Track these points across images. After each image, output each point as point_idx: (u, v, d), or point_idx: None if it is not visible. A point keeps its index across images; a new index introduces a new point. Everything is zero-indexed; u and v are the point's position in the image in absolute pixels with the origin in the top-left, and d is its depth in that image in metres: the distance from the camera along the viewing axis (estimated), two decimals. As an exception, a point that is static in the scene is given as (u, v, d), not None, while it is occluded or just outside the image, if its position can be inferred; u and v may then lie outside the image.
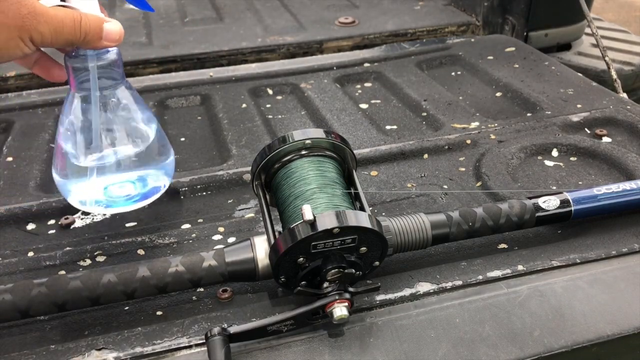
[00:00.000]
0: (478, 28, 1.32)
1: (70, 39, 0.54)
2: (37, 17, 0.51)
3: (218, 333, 0.48)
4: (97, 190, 0.63)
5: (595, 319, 0.54)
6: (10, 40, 0.50)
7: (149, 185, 0.67)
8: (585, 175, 0.77)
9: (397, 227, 0.57)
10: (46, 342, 0.53)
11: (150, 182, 0.67)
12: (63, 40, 0.53)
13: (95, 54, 0.58)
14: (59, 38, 0.53)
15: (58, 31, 0.52)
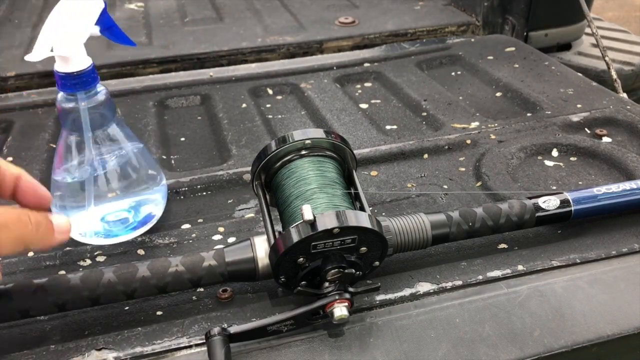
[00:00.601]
0: (478, 28, 1.32)
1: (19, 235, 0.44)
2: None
3: (218, 333, 0.48)
4: (95, 221, 0.65)
5: (595, 319, 0.54)
6: None
7: (144, 212, 0.68)
8: (585, 175, 0.77)
9: (397, 227, 0.57)
10: (46, 342, 0.53)
11: (145, 209, 0.68)
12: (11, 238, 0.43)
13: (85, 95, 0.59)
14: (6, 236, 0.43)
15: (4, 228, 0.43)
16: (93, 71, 0.60)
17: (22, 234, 0.44)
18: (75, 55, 0.58)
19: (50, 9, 0.62)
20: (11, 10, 1.45)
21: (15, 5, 1.48)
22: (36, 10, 1.44)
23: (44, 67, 1.09)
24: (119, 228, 0.66)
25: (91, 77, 0.59)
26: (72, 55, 0.57)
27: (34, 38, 0.60)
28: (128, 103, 1.00)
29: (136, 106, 0.99)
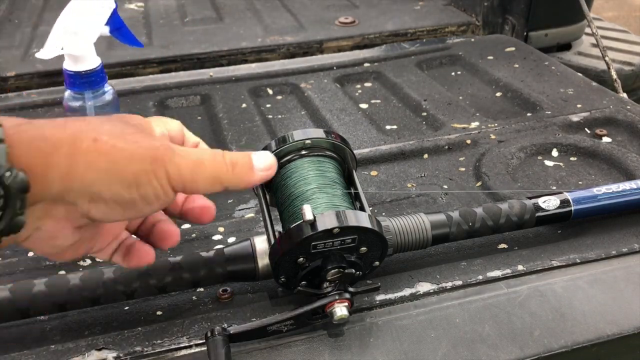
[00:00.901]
0: (478, 28, 1.32)
1: (215, 173, 0.43)
2: (173, 148, 0.41)
3: (218, 333, 0.48)
4: None
5: (595, 319, 0.54)
6: (143, 174, 0.40)
7: None
8: (585, 175, 0.77)
9: (397, 227, 0.57)
10: (46, 342, 0.53)
11: None
12: (206, 175, 0.43)
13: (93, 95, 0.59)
14: (201, 172, 0.42)
15: (198, 165, 0.42)
16: (102, 71, 0.60)
17: (218, 173, 0.43)
18: (85, 54, 0.58)
19: (51, 8, 0.62)
20: (11, 10, 1.45)
21: (15, 5, 1.48)
22: (36, 10, 1.44)
23: (44, 67, 1.09)
24: None
25: (100, 76, 0.60)
26: (82, 55, 0.58)
27: (34, 38, 0.60)
28: (128, 103, 1.00)
29: (136, 106, 0.99)
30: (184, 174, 0.41)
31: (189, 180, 0.42)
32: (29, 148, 0.36)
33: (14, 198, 0.35)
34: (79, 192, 0.38)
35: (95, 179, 0.38)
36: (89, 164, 0.38)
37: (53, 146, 0.37)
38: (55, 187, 0.37)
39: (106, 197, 0.39)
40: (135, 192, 0.40)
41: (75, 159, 0.37)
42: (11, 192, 0.34)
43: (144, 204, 0.41)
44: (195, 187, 0.43)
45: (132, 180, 0.39)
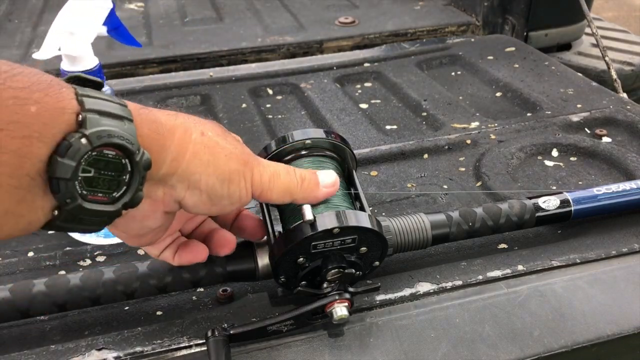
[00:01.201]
0: (478, 28, 1.32)
1: (288, 186, 0.48)
2: (258, 159, 0.47)
3: (218, 333, 0.48)
4: None
5: (595, 319, 0.54)
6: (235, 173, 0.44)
7: None
8: (585, 175, 0.77)
9: (397, 227, 0.57)
10: (46, 342, 0.53)
11: None
12: (281, 186, 0.47)
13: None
14: (277, 184, 0.47)
15: (275, 177, 0.47)
16: (99, 71, 0.60)
17: (289, 185, 0.47)
18: (82, 54, 0.58)
19: (51, 9, 0.62)
20: (11, 10, 1.45)
21: (15, 5, 1.48)
22: (36, 10, 1.44)
23: (44, 66, 1.09)
24: None
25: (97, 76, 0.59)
26: (79, 55, 0.58)
27: (34, 38, 0.60)
28: (128, 103, 1.00)
29: (136, 106, 0.99)
30: (264, 182, 0.46)
31: (266, 189, 0.46)
32: (150, 130, 0.39)
33: (139, 175, 0.38)
34: (181, 177, 0.42)
35: (197, 168, 0.42)
36: (195, 154, 0.41)
37: (169, 131, 0.40)
38: (164, 169, 0.41)
39: (202, 187, 0.43)
40: (226, 187, 0.44)
41: (185, 146, 0.41)
42: (139, 169, 0.38)
43: (228, 201, 0.45)
44: (269, 196, 0.47)
45: (227, 177, 0.43)
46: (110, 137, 0.36)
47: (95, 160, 0.36)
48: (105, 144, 0.36)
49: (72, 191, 0.35)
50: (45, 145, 0.34)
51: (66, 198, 0.35)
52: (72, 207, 0.36)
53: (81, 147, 0.34)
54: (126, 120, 0.37)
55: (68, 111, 0.35)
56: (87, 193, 0.36)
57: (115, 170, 0.37)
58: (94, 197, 0.37)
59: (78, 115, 0.35)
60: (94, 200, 0.37)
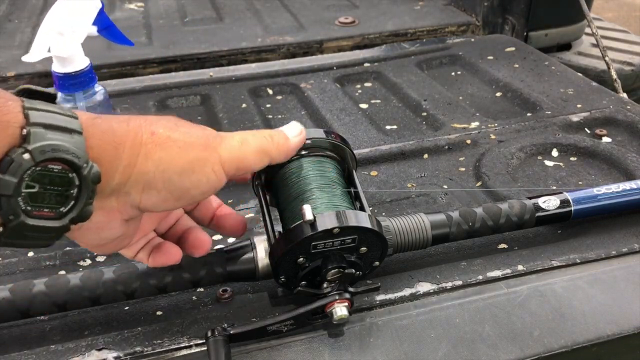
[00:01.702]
0: (478, 28, 1.32)
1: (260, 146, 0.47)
2: (221, 135, 0.45)
3: (218, 333, 0.48)
4: None
5: (595, 319, 0.54)
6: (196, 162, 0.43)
7: None
8: (585, 175, 0.77)
9: (397, 227, 0.57)
10: (46, 342, 0.53)
11: None
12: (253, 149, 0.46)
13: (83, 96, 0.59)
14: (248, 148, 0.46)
15: (244, 143, 0.46)
16: (91, 71, 0.60)
17: (261, 145, 0.47)
18: (73, 55, 0.58)
19: (50, 9, 0.62)
20: (11, 10, 1.45)
21: (15, 5, 1.48)
22: (36, 10, 1.44)
23: (43, 67, 1.09)
24: None
25: (89, 77, 0.59)
26: (70, 56, 0.57)
27: (34, 38, 0.60)
28: (128, 103, 1.00)
29: (136, 106, 0.99)
30: (234, 154, 0.45)
31: (241, 159, 0.45)
32: (101, 141, 0.38)
33: (88, 189, 0.37)
34: (134, 182, 0.40)
35: (149, 168, 0.41)
36: (146, 155, 0.40)
37: (119, 140, 0.39)
38: (116, 178, 0.40)
39: (159, 185, 0.41)
40: (187, 178, 0.42)
41: (136, 151, 0.40)
42: (87, 183, 0.37)
43: (196, 191, 0.43)
44: (246, 164, 0.46)
45: (186, 167, 0.42)
46: (54, 151, 0.35)
47: (39, 176, 0.35)
48: (50, 158, 0.35)
49: (15, 208, 0.35)
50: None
51: (9, 215, 0.35)
52: (15, 224, 0.35)
53: (23, 163, 0.34)
54: (75, 133, 0.36)
55: (13, 125, 0.34)
56: (32, 209, 0.36)
57: (62, 185, 0.36)
58: (40, 212, 0.36)
59: (22, 129, 0.34)
60: (39, 216, 0.36)
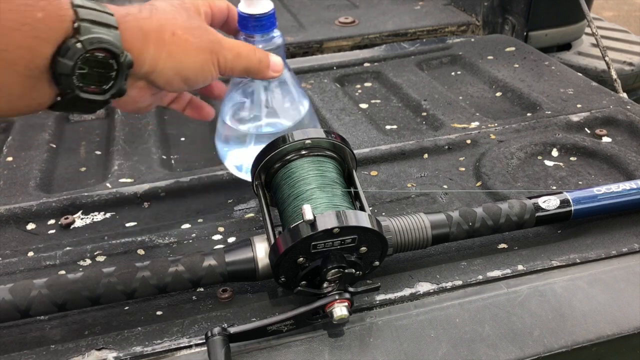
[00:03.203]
0: (478, 28, 1.32)
1: (247, 65, 0.57)
2: (222, 42, 0.54)
3: (218, 333, 0.48)
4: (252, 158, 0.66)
5: (595, 319, 0.54)
6: (204, 63, 0.53)
7: None
8: (585, 175, 0.77)
9: (397, 227, 0.57)
10: (46, 342, 0.53)
11: None
12: (241, 66, 0.56)
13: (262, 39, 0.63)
14: (238, 63, 0.56)
15: (237, 57, 0.56)
16: (272, 17, 0.63)
17: (249, 65, 0.57)
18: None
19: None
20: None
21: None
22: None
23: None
24: None
25: (270, 21, 0.63)
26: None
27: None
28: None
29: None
30: (228, 64, 0.55)
31: (230, 68, 0.56)
32: (131, 37, 0.48)
33: (123, 72, 0.47)
34: (160, 74, 0.51)
35: (172, 65, 0.51)
36: (170, 53, 0.51)
37: (146, 36, 0.49)
38: (144, 67, 0.50)
39: (179, 78, 0.52)
40: (198, 75, 0.54)
41: (160, 47, 0.50)
42: (123, 67, 0.47)
43: (202, 82, 0.55)
44: (231, 73, 0.57)
45: (198, 66, 0.53)
46: (99, 42, 0.44)
47: (88, 60, 0.44)
48: (96, 48, 0.44)
49: (70, 84, 0.44)
50: (50, 45, 0.42)
51: (66, 89, 0.45)
52: (71, 96, 0.45)
53: (77, 51, 0.43)
54: (112, 28, 0.46)
55: (66, 19, 0.43)
56: (83, 85, 0.45)
57: (104, 68, 0.46)
58: (88, 88, 0.46)
59: (74, 23, 0.43)
60: (88, 91, 0.46)
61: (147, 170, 0.80)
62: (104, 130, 0.95)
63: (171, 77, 0.52)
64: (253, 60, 0.57)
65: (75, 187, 0.79)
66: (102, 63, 0.45)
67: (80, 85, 0.45)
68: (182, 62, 0.52)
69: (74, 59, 0.43)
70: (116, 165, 0.82)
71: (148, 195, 0.75)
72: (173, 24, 0.51)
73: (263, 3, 0.61)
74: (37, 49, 0.42)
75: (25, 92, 0.43)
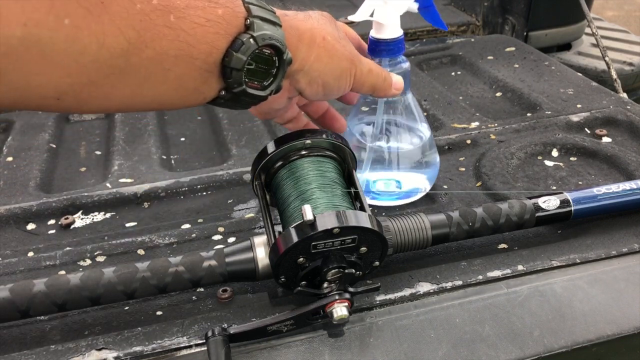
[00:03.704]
0: (478, 28, 1.32)
1: (375, 82, 0.58)
2: (359, 56, 0.56)
3: (218, 333, 0.48)
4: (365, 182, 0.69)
5: (595, 319, 0.54)
6: (345, 71, 0.54)
7: (411, 186, 0.71)
8: (585, 175, 0.77)
9: (397, 227, 0.57)
10: (46, 342, 0.53)
11: (412, 184, 0.71)
12: (371, 81, 0.57)
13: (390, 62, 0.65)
14: (369, 79, 0.57)
15: (369, 73, 0.56)
16: (400, 42, 0.65)
17: (376, 83, 0.58)
18: (389, 24, 0.64)
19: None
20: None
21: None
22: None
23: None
24: (385, 194, 0.70)
25: (398, 47, 0.65)
26: (387, 24, 0.64)
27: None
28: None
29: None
30: (362, 77, 0.56)
31: (360, 84, 0.56)
32: (289, 35, 0.48)
33: (283, 69, 0.48)
34: (305, 74, 0.52)
35: (319, 67, 0.52)
36: (318, 56, 0.51)
37: (300, 36, 0.50)
38: (295, 66, 0.50)
39: (320, 82, 0.53)
40: (337, 82, 0.54)
41: (311, 49, 0.51)
42: (284, 65, 0.48)
43: (337, 91, 0.55)
44: (360, 90, 0.58)
45: (339, 74, 0.54)
46: (270, 39, 0.45)
47: (256, 56, 0.45)
48: (267, 44, 0.45)
49: (240, 79, 0.45)
50: (226, 40, 0.44)
51: (235, 83, 0.45)
52: (238, 90, 0.46)
53: (250, 46, 0.44)
54: (278, 26, 0.47)
55: (240, 15, 0.45)
56: (248, 80, 0.46)
57: (268, 65, 0.47)
58: (252, 84, 0.47)
59: (247, 20, 0.45)
60: (252, 87, 0.47)
61: (147, 170, 0.80)
62: (104, 130, 0.95)
63: (314, 79, 0.52)
64: (380, 77, 0.58)
65: (75, 187, 0.79)
66: (267, 59, 0.46)
67: (246, 81, 0.46)
68: (327, 65, 0.52)
69: (247, 54, 0.44)
70: (116, 165, 0.82)
71: (148, 195, 0.75)
72: (324, 29, 0.52)
73: (392, 29, 0.64)
74: (216, 43, 0.43)
75: (197, 86, 0.45)
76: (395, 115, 0.68)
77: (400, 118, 0.69)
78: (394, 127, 0.69)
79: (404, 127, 0.69)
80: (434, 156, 0.72)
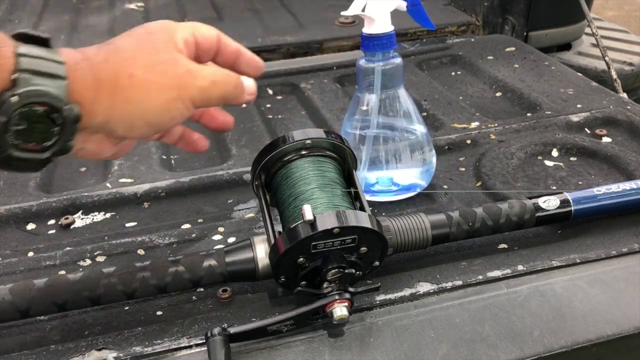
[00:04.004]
0: (478, 28, 1.32)
1: (224, 92, 0.50)
2: (194, 73, 0.48)
3: (218, 333, 0.48)
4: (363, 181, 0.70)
5: (595, 319, 0.54)
6: (171, 101, 0.47)
7: (408, 182, 0.72)
8: (585, 175, 0.77)
9: (397, 227, 0.57)
10: (46, 342, 0.53)
11: (410, 180, 0.72)
12: (217, 94, 0.50)
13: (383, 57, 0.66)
14: (214, 92, 0.49)
15: (213, 85, 0.49)
16: (392, 37, 0.66)
17: (225, 93, 0.50)
18: (380, 19, 0.64)
19: (51, 8, 0.62)
20: (11, 11, 1.45)
21: (15, 6, 1.48)
22: (36, 10, 1.44)
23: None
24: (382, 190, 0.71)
25: (390, 41, 0.66)
26: (377, 19, 0.64)
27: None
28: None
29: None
30: (203, 94, 0.49)
31: (205, 99, 0.49)
32: (82, 86, 0.43)
33: (68, 127, 0.43)
34: (117, 122, 0.46)
35: (131, 111, 0.46)
36: (126, 99, 0.45)
37: (99, 83, 0.44)
38: (99, 118, 0.45)
39: (141, 123, 0.47)
40: (167, 114, 0.47)
41: (115, 94, 0.45)
42: (67, 122, 0.42)
43: (170, 122, 0.49)
44: (207, 105, 0.51)
45: (163, 107, 0.47)
46: (37, 96, 0.40)
47: (26, 115, 0.40)
48: (34, 102, 0.40)
49: (3, 143, 0.40)
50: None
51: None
52: (3, 156, 0.41)
53: (11, 105, 0.39)
54: (58, 79, 0.41)
55: (5, 69, 0.39)
56: (20, 142, 0.41)
57: (45, 123, 0.41)
58: (26, 146, 0.41)
59: (13, 74, 0.39)
60: (26, 149, 0.42)
61: (147, 170, 0.80)
62: (104, 130, 0.95)
63: (131, 124, 0.46)
64: (229, 86, 0.51)
65: (75, 187, 0.79)
66: (42, 118, 0.41)
67: (16, 144, 0.41)
68: (142, 105, 0.46)
69: (8, 114, 0.39)
70: (116, 165, 0.82)
71: (148, 195, 0.75)
72: (132, 64, 0.45)
73: (383, 24, 0.65)
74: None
75: None
76: (387, 111, 0.69)
77: (393, 113, 0.69)
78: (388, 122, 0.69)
79: (398, 122, 0.70)
80: (430, 153, 0.72)
